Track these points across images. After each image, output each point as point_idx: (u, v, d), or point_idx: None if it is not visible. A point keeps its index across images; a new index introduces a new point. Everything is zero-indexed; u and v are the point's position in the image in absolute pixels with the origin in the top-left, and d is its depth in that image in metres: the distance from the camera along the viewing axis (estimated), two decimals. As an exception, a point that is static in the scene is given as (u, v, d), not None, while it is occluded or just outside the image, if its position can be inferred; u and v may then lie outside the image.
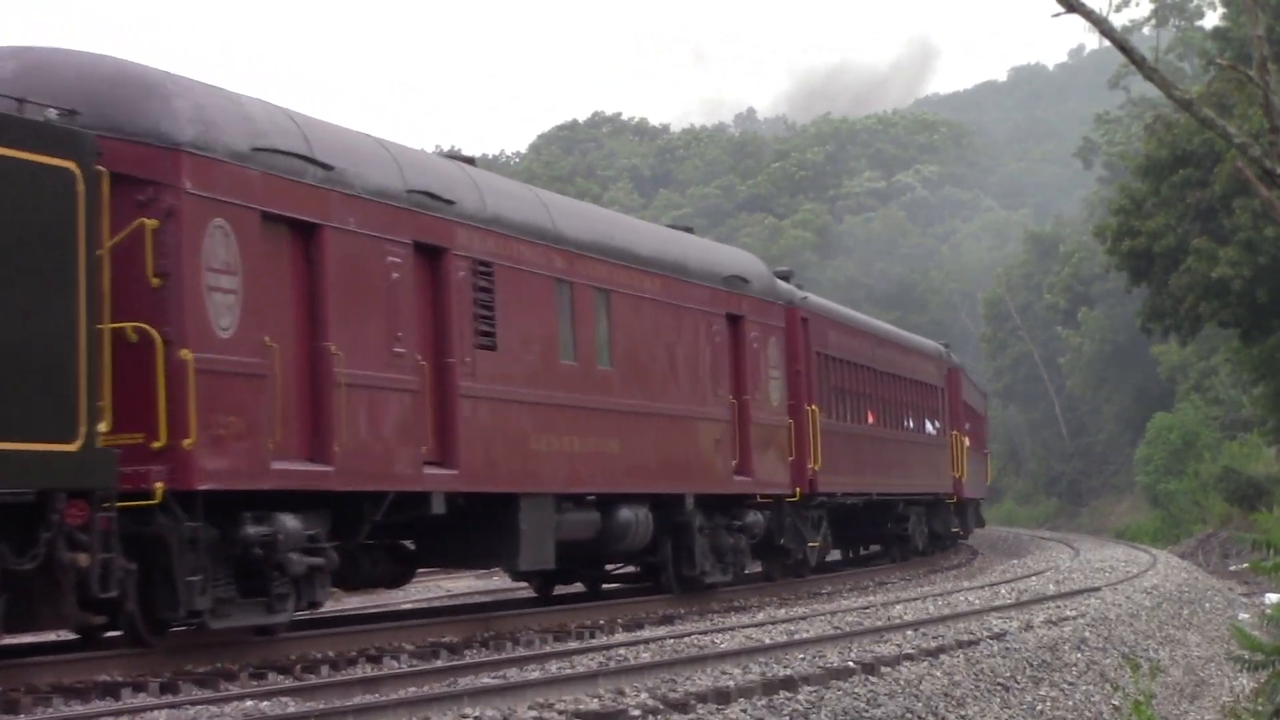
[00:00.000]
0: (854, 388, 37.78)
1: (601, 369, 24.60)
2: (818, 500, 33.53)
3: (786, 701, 14.41)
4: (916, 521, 43.68)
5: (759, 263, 32.21)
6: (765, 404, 30.23)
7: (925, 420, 45.48)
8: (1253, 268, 39.55)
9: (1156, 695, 19.07)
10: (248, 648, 18.45)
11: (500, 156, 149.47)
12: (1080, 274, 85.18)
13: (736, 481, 28.85)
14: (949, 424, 48.46)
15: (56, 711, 14.53)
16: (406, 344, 19.74)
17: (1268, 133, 13.38)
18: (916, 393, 44.52)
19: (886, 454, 40.28)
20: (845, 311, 40.27)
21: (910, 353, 44.91)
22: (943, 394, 48.03)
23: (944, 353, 50.11)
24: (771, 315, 31.18)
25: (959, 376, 51.26)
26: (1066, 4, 12.85)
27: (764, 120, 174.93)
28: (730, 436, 28.74)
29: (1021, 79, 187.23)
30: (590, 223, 25.37)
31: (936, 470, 46.18)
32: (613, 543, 24.97)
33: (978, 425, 58.59)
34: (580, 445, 23.68)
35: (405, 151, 21.32)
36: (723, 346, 28.69)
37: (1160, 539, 59.55)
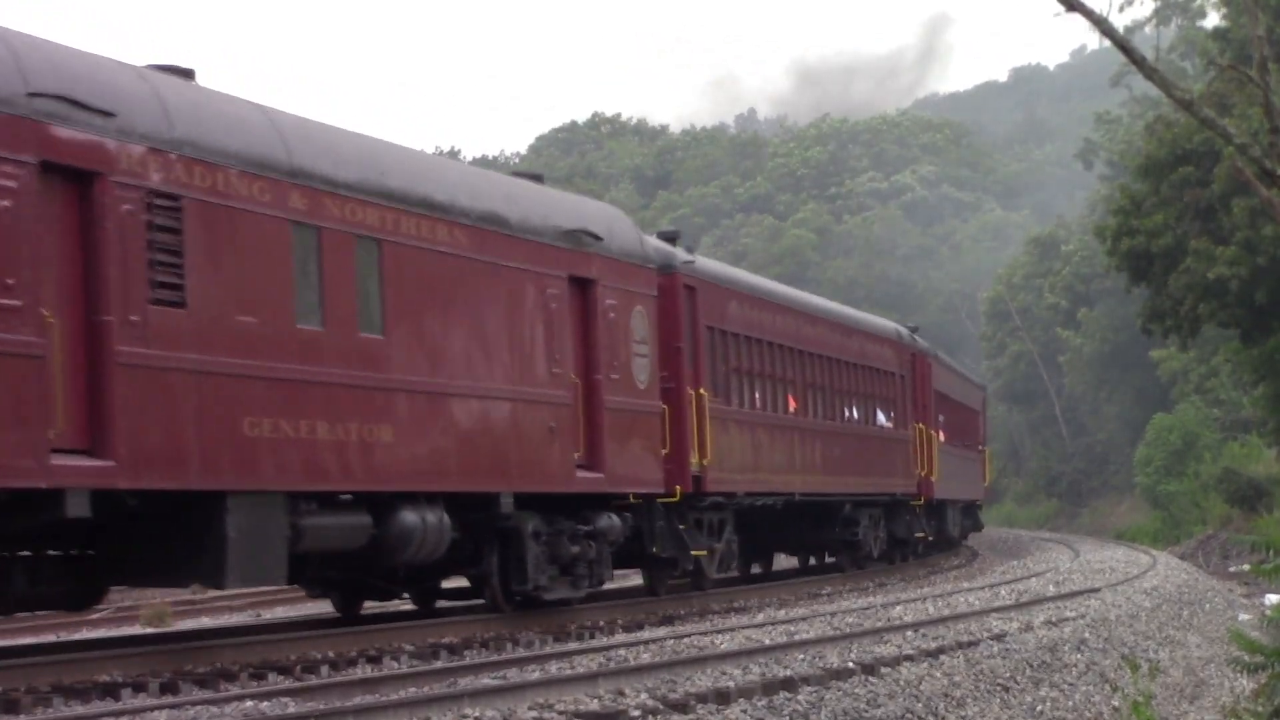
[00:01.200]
0: (767, 371, 32.79)
1: (366, 337, 19.69)
2: (709, 501, 28.81)
3: (786, 702, 14.42)
4: (870, 525, 38.98)
5: (621, 218, 26.99)
6: (626, 386, 25.31)
7: (877, 411, 40.41)
8: (1251, 268, 39.55)
9: (1156, 696, 19.07)
10: (248, 648, 18.45)
11: (500, 156, 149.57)
12: (1080, 274, 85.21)
13: (581, 478, 23.92)
14: (912, 416, 43.40)
15: (56, 711, 14.53)
16: (18, 294, 15.35)
17: (1268, 133, 13.38)
18: (865, 380, 39.45)
19: (817, 449, 35.32)
20: (754, 281, 34.68)
21: (856, 334, 39.50)
22: (903, 381, 42.83)
23: (905, 336, 44.49)
24: (638, 280, 26.10)
25: (926, 363, 45.61)
26: (1068, 4, 12.84)
27: (764, 120, 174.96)
28: (572, 423, 23.73)
29: (1022, 79, 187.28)
30: (354, 156, 20.07)
31: (894, 468, 41.02)
32: (393, 552, 20.23)
33: (963, 419, 54.19)
34: (329, 431, 18.84)
35: (42, 46, 16.62)
36: (563, 315, 23.65)
37: (1160, 540, 59.55)
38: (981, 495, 58.87)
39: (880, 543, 39.86)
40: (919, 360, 44.50)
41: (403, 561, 20.72)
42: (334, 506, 19.29)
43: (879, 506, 40.01)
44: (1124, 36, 13.56)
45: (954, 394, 51.51)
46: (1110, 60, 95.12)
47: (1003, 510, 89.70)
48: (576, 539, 23.82)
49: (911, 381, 43.37)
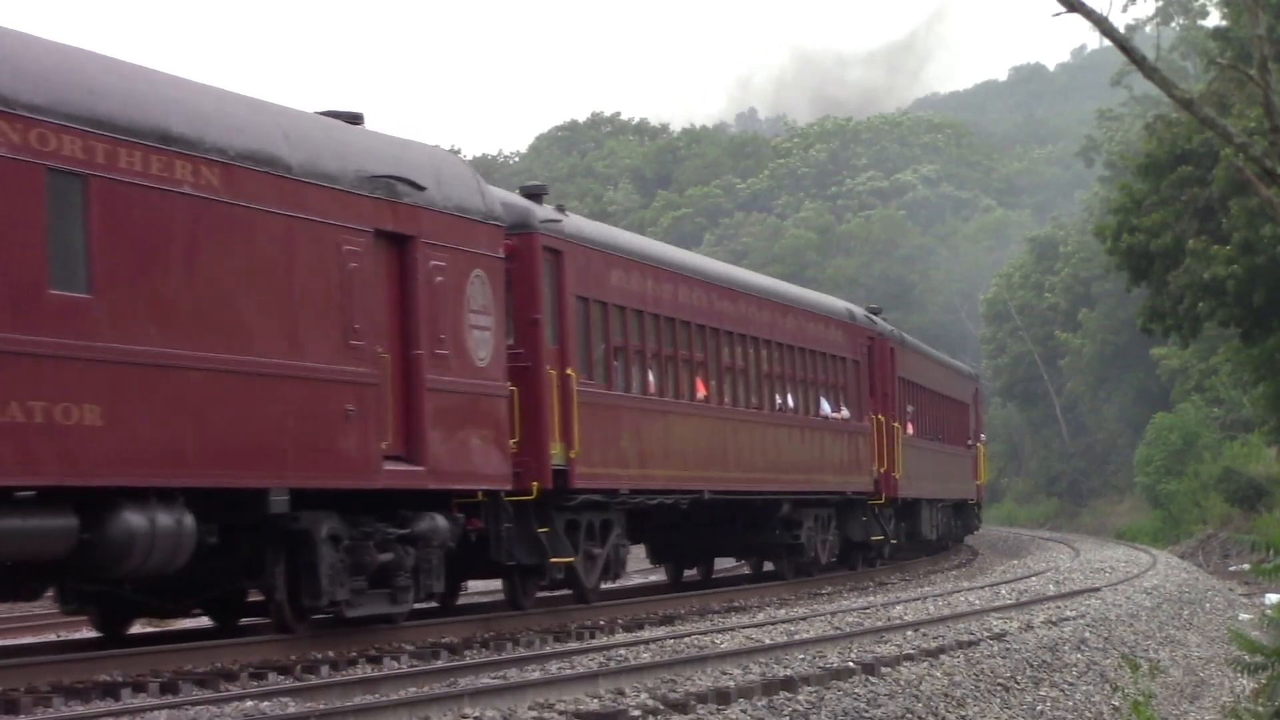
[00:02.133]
0: (666, 351, 28.57)
1: (60, 295, 15.86)
2: (580, 500, 24.75)
3: (786, 701, 14.42)
4: (817, 528, 34.87)
5: (457, 165, 22.78)
6: (460, 363, 21.22)
7: (822, 399, 35.89)
8: (1249, 268, 39.53)
9: (1156, 695, 19.07)
10: (248, 648, 18.44)
11: (500, 156, 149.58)
12: (1080, 274, 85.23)
13: (391, 472, 19.86)
14: (871, 406, 38.89)
15: (56, 711, 14.53)
16: None
17: (1268, 132, 13.38)
18: (805, 364, 35.17)
19: (737, 441, 31.02)
20: (646, 246, 30.17)
21: (794, 313, 35.06)
22: (857, 367, 38.30)
23: (860, 317, 39.81)
24: (479, 240, 21.83)
25: (888, 348, 40.85)
26: (1068, 3, 12.83)
27: (764, 120, 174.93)
28: (378, 406, 19.66)
29: (1022, 79, 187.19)
30: (47, 67, 16.26)
31: (844, 463, 36.48)
32: (111, 562, 16.44)
33: (945, 412, 50.05)
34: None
35: None
36: (367, 277, 19.63)
37: (1160, 539, 59.58)
38: (974, 494, 54.85)
39: (831, 547, 35.97)
40: (879, 345, 40.01)
41: (128, 573, 16.89)
42: (12, 506, 15.47)
43: (828, 507, 35.80)
44: (1124, 36, 13.55)
45: (931, 384, 47.50)
46: (1110, 60, 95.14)
47: (1003, 510, 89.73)
48: (389, 545, 19.88)
49: (869, 368, 38.98)
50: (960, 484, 51.53)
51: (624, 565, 27.10)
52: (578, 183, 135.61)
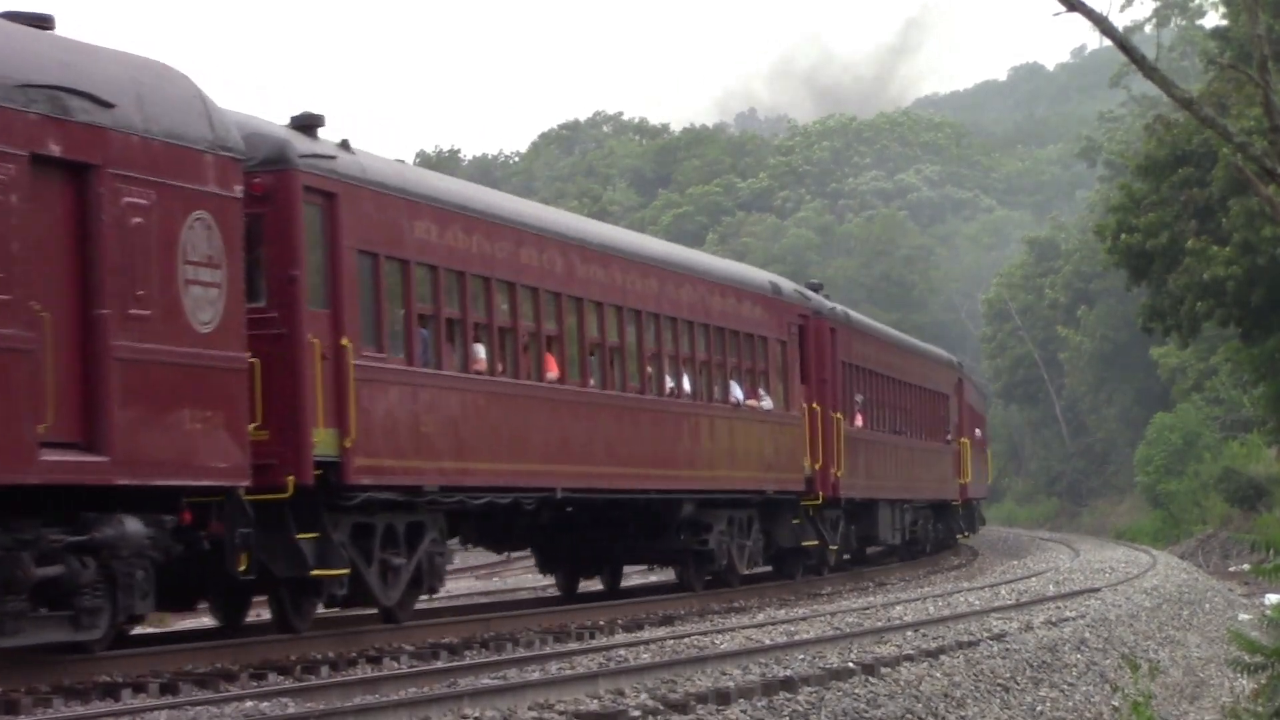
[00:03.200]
0: (498, 322, 23.46)
1: None
2: (361, 499, 20.30)
3: (786, 702, 14.43)
4: (731, 532, 30.43)
5: (172, 80, 17.97)
6: (170, 327, 17.08)
7: (733, 385, 31.02)
8: (1248, 268, 39.55)
9: (1156, 696, 19.09)
10: (248, 648, 18.45)
11: (500, 156, 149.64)
12: (1080, 274, 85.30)
13: (50, 463, 15.63)
14: (802, 394, 33.91)
15: (56, 711, 14.54)
16: None
17: (1268, 132, 13.38)
18: (710, 344, 30.19)
19: (608, 430, 26.07)
20: (476, 194, 24.55)
21: (692, 283, 29.84)
22: (784, 349, 33.29)
23: (788, 291, 34.53)
24: (201, 174, 17.58)
25: (827, 329, 35.51)
26: (1068, 3, 12.84)
27: (764, 119, 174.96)
28: (29, 377, 15.47)
29: (1021, 79, 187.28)
30: None
31: (769, 458, 31.69)
32: None
33: (916, 403, 44.91)
34: None
35: None
36: (18, 214, 15.39)
37: (1160, 539, 59.60)
38: (957, 495, 50.13)
39: (752, 553, 31.40)
40: (814, 324, 34.82)
41: None
42: None
43: (747, 508, 31.10)
44: (1124, 36, 13.56)
45: (892, 371, 42.11)
46: (1110, 60, 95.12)
47: (1003, 510, 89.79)
48: (56, 556, 15.84)
49: (800, 350, 33.88)
50: (936, 483, 46.79)
51: (442, 576, 22.17)
52: (578, 182, 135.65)
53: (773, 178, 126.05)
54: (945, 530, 49.74)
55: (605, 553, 29.66)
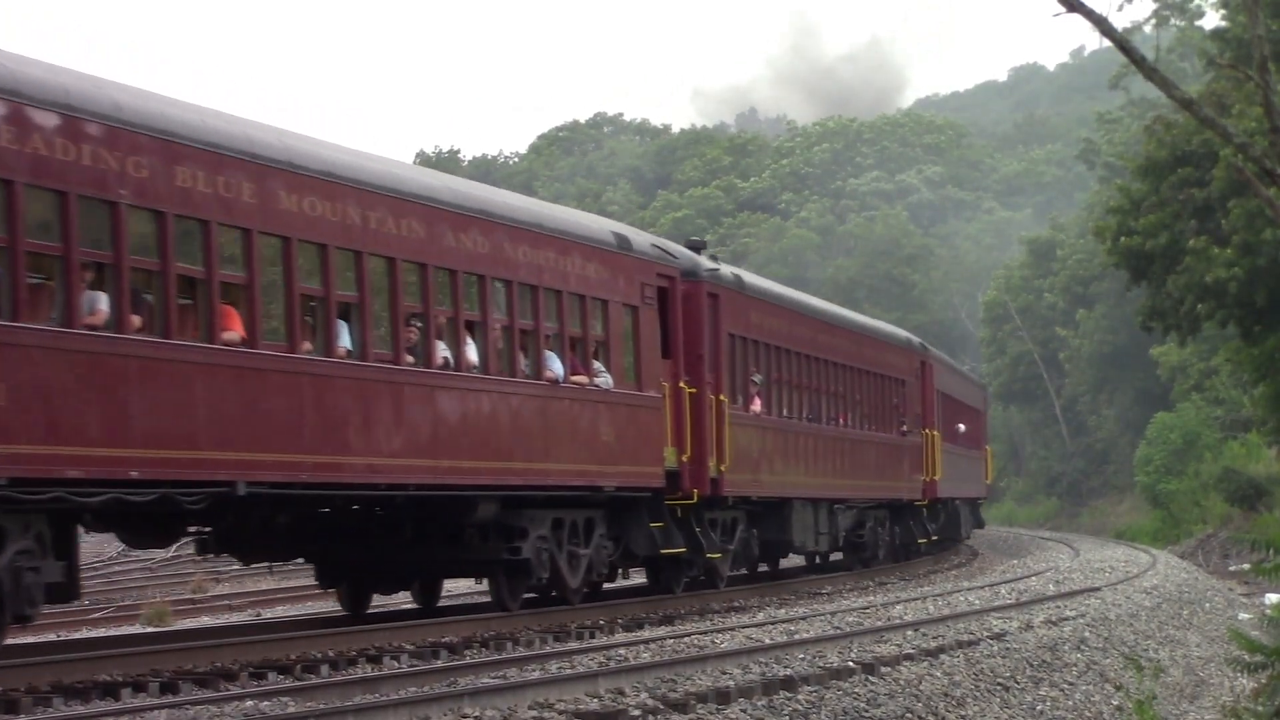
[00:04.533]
0: (127, 261, 17.41)
1: None
2: None
3: (786, 701, 14.44)
4: (557, 537, 24.61)
5: None
6: None
7: (551, 358, 24.60)
8: (1249, 269, 39.57)
9: (1156, 696, 19.10)
10: (248, 648, 18.45)
11: (500, 156, 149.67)
12: (1079, 275, 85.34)
13: None
14: (666, 371, 27.99)
15: (56, 711, 14.55)
16: None
17: (1268, 132, 13.39)
18: (510, 305, 23.69)
19: (342, 407, 20.14)
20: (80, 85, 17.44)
21: (478, 226, 23.05)
22: (635, 316, 27.02)
23: (643, 245, 28.16)
24: None
25: (702, 293, 29.43)
26: (1067, 4, 12.84)
27: (764, 120, 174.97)
28: None
29: (1021, 79, 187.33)
30: None
31: (611, 448, 25.81)
32: None
33: (848, 388, 38.15)
34: None
35: None
36: None
37: (1160, 539, 59.62)
38: (922, 493, 44.07)
39: (595, 563, 25.73)
40: (687, 289, 28.91)
41: None
42: None
43: (584, 508, 25.62)
44: (1124, 36, 13.56)
45: (816, 350, 35.87)
46: (1110, 60, 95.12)
47: (1003, 510, 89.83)
48: None
49: (661, 319, 27.91)
50: (889, 480, 40.75)
51: (37, 595, 16.68)
52: (578, 183, 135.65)
53: (774, 178, 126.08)
54: (905, 533, 43.55)
55: (401, 563, 23.99)
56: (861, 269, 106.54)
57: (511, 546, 23.57)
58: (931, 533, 46.56)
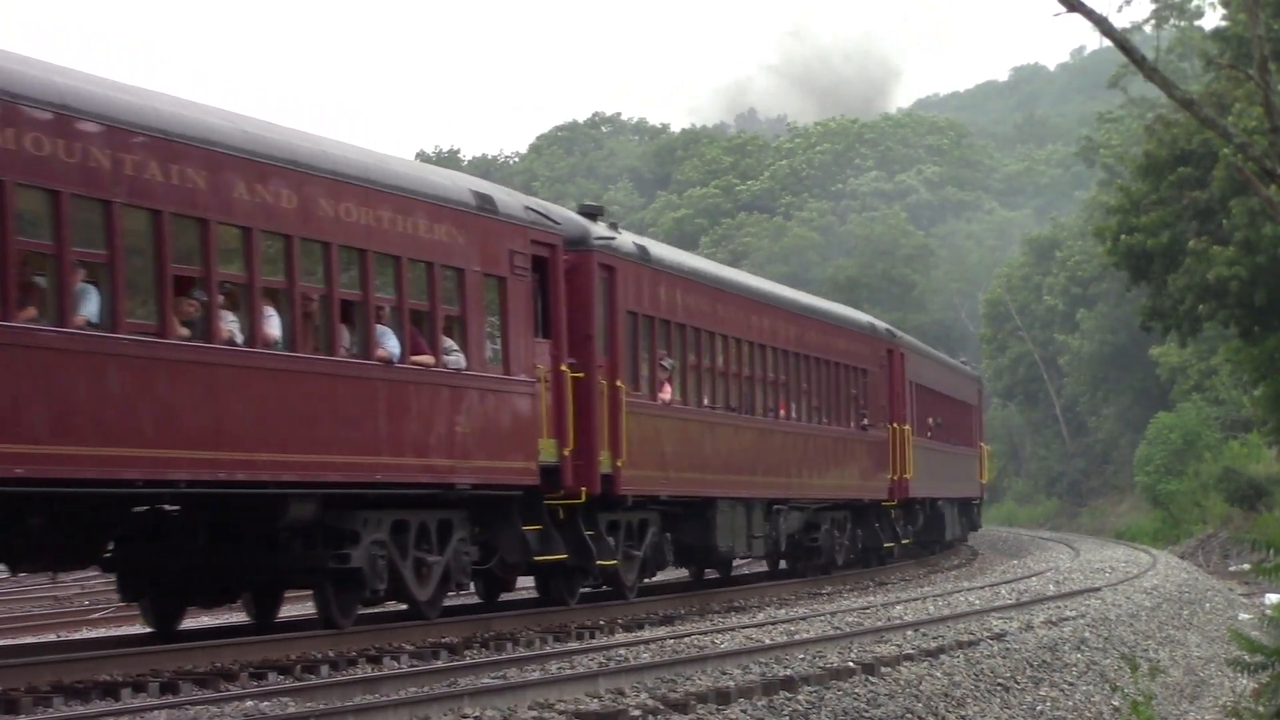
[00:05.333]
0: None
1: None
2: None
3: (786, 701, 14.44)
4: (401, 543, 21.24)
5: None
6: None
7: (385, 333, 20.92)
8: (1250, 268, 39.59)
9: (1156, 696, 19.11)
10: (248, 648, 18.45)
11: (500, 156, 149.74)
12: (1078, 276, 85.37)
13: None
14: (546, 353, 24.10)
15: (56, 711, 14.55)
16: None
17: (1268, 132, 13.39)
18: (323, 271, 20.00)
19: (124, 387, 17.27)
20: None
21: (254, 169, 18.97)
22: (502, 289, 23.22)
23: (510, 206, 23.97)
24: None
25: (591, 264, 25.57)
26: (1068, 3, 12.84)
27: (764, 120, 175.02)
28: None
29: (1022, 79, 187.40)
30: None
31: (469, 440, 22.07)
32: None
33: (790, 376, 34.26)
34: None
35: None
36: None
37: (1160, 539, 59.64)
38: (887, 493, 40.19)
39: (452, 571, 22.22)
40: (576, 260, 25.21)
41: None
42: None
43: (448, 508, 22.32)
44: (1124, 36, 13.56)
45: (746, 333, 31.98)
46: (1110, 60, 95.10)
47: (1003, 510, 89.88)
48: None
49: (535, 293, 24.15)
50: (845, 479, 36.89)
51: None
52: (578, 183, 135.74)
53: (773, 179, 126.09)
54: (870, 537, 39.34)
55: (208, 574, 20.72)
56: (860, 269, 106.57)
57: (339, 553, 20.24)
58: (904, 536, 42.28)
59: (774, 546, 33.13)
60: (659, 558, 28.04)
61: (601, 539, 25.42)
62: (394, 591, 21.39)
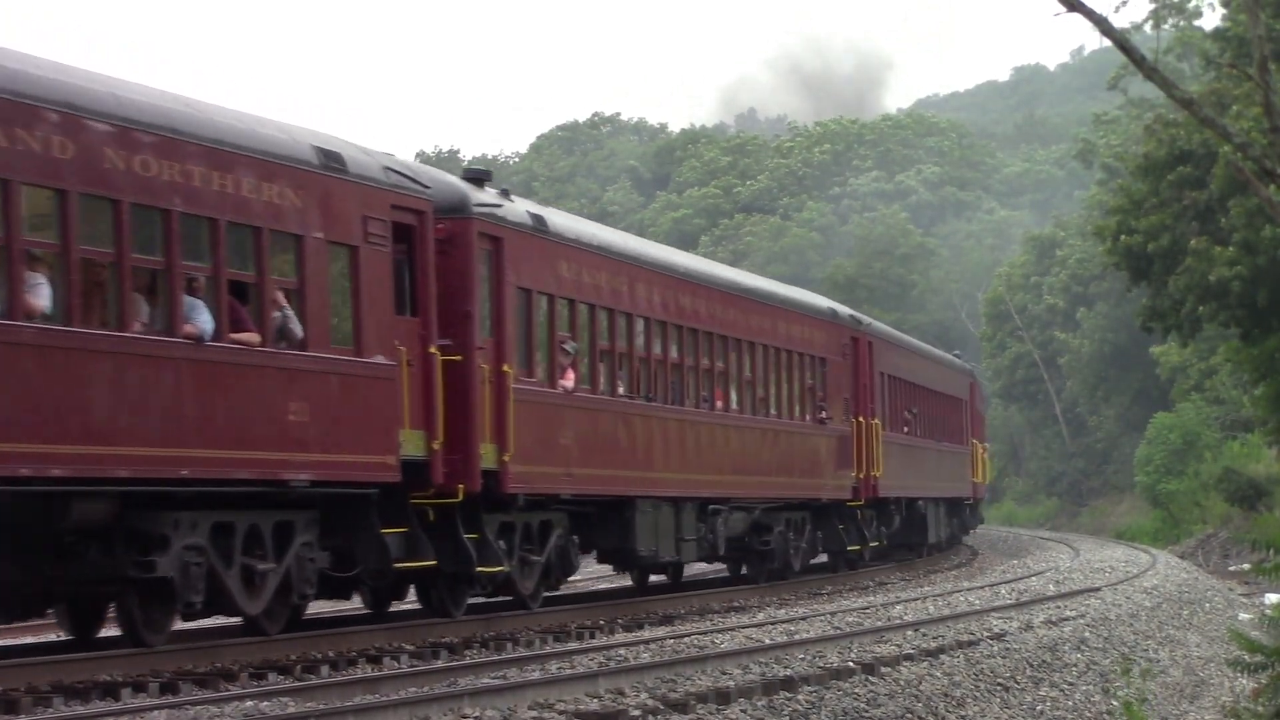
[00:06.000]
0: None
1: None
2: None
3: (786, 701, 14.45)
4: (218, 551, 18.47)
5: None
6: None
7: (196, 306, 18.13)
8: (1251, 268, 39.59)
9: (1152, 696, 19.12)
10: (248, 648, 18.45)
11: (500, 156, 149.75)
12: (1078, 276, 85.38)
13: None
14: (385, 324, 20.64)
15: (56, 711, 14.55)
16: None
17: (1268, 132, 13.39)
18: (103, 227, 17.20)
19: None
20: None
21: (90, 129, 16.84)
22: (353, 259, 20.33)
23: (365, 165, 21.00)
24: None
25: (470, 234, 22.46)
26: (1068, 3, 12.83)
27: (764, 120, 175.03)
28: None
29: (1022, 79, 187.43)
30: None
31: (307, 431, 19.32)
32: None
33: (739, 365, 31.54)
34: None
35: None
36: None
37: (1160, 539, 59.65)
38: (850, 492, 36.39)
39: (285, 581, 19.38)
40: (453, 228, 22.27)
41: None
42: None
43: (277, 509, 19.54)
44: (1124, 36, 13.56)
45: (651, 310, 27.95)
46: (1110, 60, 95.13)
47: (1003, 510, 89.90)
48: None
49: (411, 264, 21.42)
50: (798, 476, 33.69)
51: None
52: (578, 183, 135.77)
53: (772, 179, 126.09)
54: (831, 540, 35.93)
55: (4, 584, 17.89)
56: (859, 269, 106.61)
57: (143, 561, 17.61)
58: (874, 538, 38.53)
59: (710, 550, 30.12)
60: (565, 563, 24.85)
61: (487, 543, 22.31)
62: (216, 604, 18.65)
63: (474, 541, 22.05)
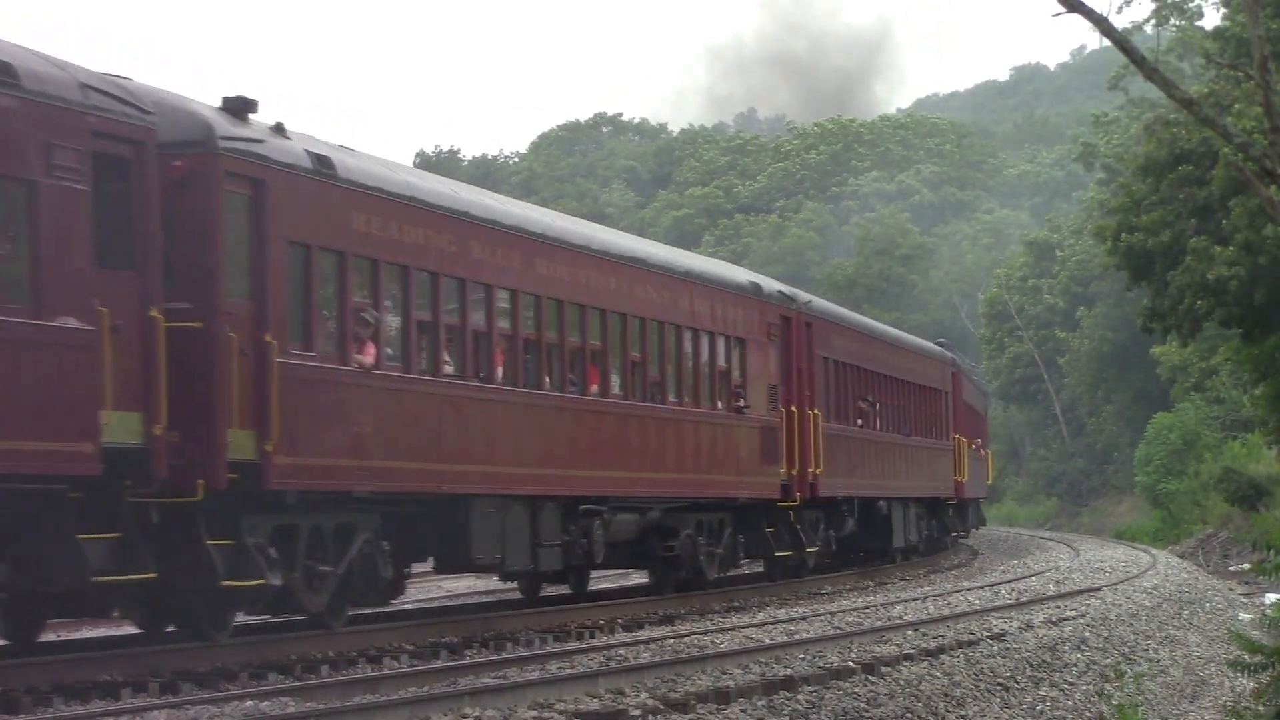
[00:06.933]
0: None
1: None
2: None
3: (786, 701, 14.45)
4: None
5: None
6: None
7: None
8: (1250, 268, 39.59)
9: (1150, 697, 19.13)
10: (248, 648, 18.44)
11: (500, 156, 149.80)
12: (1078, 276, 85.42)
13: None
14: (112, 291, 16.43)
15: (56, 711, 14.56)
16: None
17: (1268, 132, 13.39)
18: None
19: None
20: None
21: None
22: (64, 198, 16.08)
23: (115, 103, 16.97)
24: None
25: (221, 171, 18.20)
26: (1068, 4, 12.84)
27: (764, 120, 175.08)
28: None
29: (1022, 79, 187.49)
30: None
31: None
32: None
33: (659, 351, 28.06)
34: None
35: None
36: None
37: (1160, 539, 59.64)
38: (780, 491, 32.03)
39: None
40: (192, 168, 17.98)
41: None
42: None
43: None
44: (1123, 36, 13.57)
45: (481, 272, 22.98)
46: (1110, 60, 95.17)
47: (1003, 510, 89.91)
48: None
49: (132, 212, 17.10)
50: (706, 473, 29.16)
51: None
52: (577, 183, 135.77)
53: (771, 180, 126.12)
54: (757, 545, 32.00)
55: None
56: (858, 269, 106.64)
57: None
58: (813, 543, 33.91)
59: (586, 557, 25.60)
60: (372, 574, 20.49)
61: (246, 552, 18.15)
62: None
63: (226, 549, 17.98)
